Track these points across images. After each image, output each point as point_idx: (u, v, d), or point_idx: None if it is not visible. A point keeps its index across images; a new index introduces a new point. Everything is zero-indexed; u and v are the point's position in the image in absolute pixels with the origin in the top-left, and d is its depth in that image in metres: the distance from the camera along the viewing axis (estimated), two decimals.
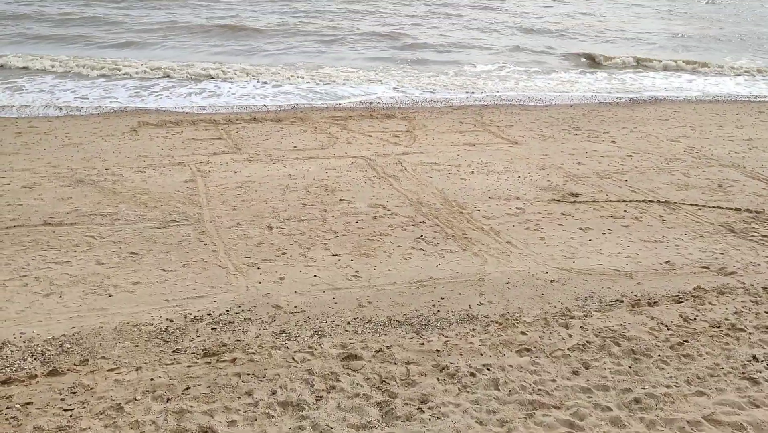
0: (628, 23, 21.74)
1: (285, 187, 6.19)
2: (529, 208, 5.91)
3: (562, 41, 17.56)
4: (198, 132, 8.04)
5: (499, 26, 19.62)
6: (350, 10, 20.22)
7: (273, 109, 9.72)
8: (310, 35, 16.00)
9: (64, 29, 15.39)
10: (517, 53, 15.63)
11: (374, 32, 16.38)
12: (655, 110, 10.43)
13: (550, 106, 10.62)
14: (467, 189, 6.34)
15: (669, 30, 20.75)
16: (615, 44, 17.17)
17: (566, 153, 7.69)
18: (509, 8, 23.90)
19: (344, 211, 5.69)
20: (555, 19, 21.94)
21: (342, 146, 7.65)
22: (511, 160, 7.34)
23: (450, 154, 7.49)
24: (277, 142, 7.76)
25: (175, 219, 5.38)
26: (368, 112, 9.55)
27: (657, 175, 6.98)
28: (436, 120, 9.21)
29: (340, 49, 14.90)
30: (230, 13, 18.45)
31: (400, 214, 5.66)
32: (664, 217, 5.82)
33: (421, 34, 16.77)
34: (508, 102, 10.84)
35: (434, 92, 11.34)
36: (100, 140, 7.53)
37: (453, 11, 21.95)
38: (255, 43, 14.93)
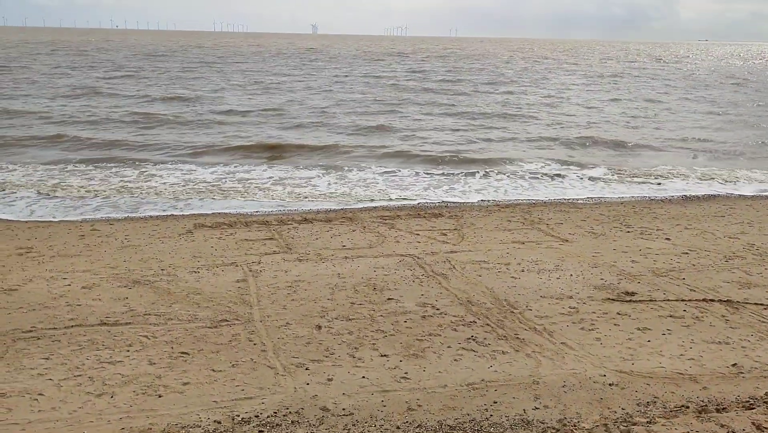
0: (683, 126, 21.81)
1: (334, 286, 6.24)
2: (583, 308, 5.77)
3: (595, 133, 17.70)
4: (251, 233, 8.27)
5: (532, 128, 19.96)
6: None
7: (323, 209, 9.98)
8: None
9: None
10: (553, 149, 15.80)
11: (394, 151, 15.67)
12: (709, 207, 10.25)
13: (600, 204, 10.57)
14: (518, 288, 6.25)
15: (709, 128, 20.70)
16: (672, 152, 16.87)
17: (619, 251, 7.57)
18: (541, 112, 24.44)
19: (393, 310, 5.67)
20: (586, 117, 22.22)
21: (390, 245, 7.73)
22: (563, 258, 7.26)
23: (499, 252, 7.46)
24: (327, 241, 7.90)
25: (226, 318, 5.46)
26: (416, 211, 9.68)
27: (716, 273, 6.76)
28: (483, 218, 9.26)
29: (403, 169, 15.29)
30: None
31: (449, 314, 5.60)
32: (727, 317, 5.58)
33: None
34: (557, 200, 10.86)
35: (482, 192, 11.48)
36: (157, 242, 7.82)
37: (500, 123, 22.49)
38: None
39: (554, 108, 25.00)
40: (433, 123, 20.36)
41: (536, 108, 24.75)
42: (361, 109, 23.24)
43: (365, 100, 25.74)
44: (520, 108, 24.56)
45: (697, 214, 9.63)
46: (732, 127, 21.05)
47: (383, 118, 21.01)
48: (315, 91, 29.45)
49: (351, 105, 24.32)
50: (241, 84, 32.00)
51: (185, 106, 23.08)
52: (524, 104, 26.01)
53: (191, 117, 20.28)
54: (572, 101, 27.68)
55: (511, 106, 25.08)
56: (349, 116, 21.18)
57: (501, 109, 23.80)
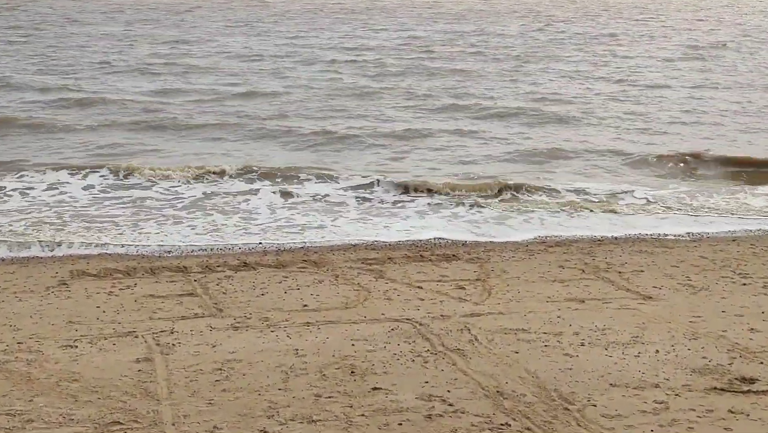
0: None
1: (289, 370, 6.19)
2: (675, 403, 5.77)
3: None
4: (159, 285, 8.22)
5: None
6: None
7: (272, 248, 9.95)
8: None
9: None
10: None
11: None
12: None
13: (701, 241, 10.64)
14: (575, 371, 6.25)
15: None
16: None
17: (730, 314, 7.61)
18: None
19: (381, 406, 5.63)
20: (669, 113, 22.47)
21: (377, 304, 7.71)
22: (644, 324, 7.28)
23: (546, 315, 7.47)
24: (278, 298, 7.85)
25: (119, 421, 5.38)
26: (417, 251, 9.69)
27: None
28: (521, 262, 9.28)
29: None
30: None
31: (469, 412, 5.57)
32: None
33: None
34: (635, 235, 10.92)
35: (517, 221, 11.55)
36: (12, 299, 7.76)
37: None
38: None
39: (625, 102, 25.19)
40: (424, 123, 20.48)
41: (600, 101, 24.91)
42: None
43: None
44: (558, 98, 24.64)
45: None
46: None
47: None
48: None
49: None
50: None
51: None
52: (573, 95, 26.16)
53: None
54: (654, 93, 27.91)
55: (551, 102, 25.13)
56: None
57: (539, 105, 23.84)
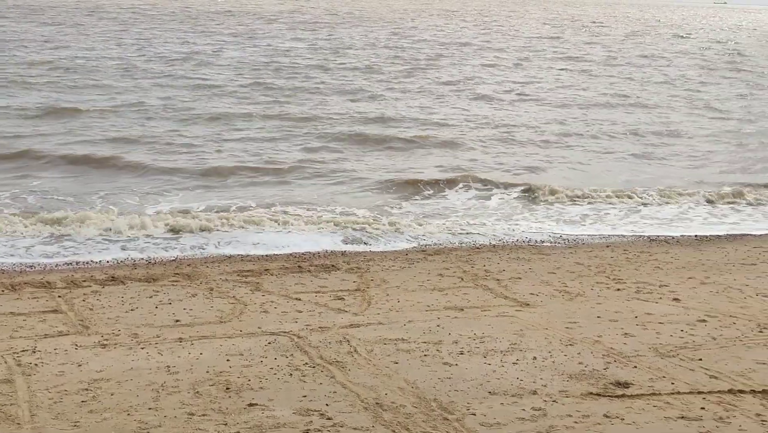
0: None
1: (160, 388, 6.09)
2: (552, 409, 5.86)
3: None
4: (22, 302, 8.03)
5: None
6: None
7: (142, 261, 9.75)
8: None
9: None
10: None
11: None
12: (734, 250, 10.82)
13: (576, 246, 10.92)
14: (454, 380, 6.30)
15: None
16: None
17: (605, 319, 7.80)
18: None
19: (257, 423, 5.58)
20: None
21: (253, 317, 7.67)
22: (522, 331, 7.40)
23: (425, 324, 7.52)
24: (149, 314, 7.75)
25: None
26: (295, 263, 9.66)
27: (747, 350, 7.08)
28: (401, 272, 9.34)
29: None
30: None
31: (348, 426, 5.55)
32: (765, 416, 5.83)
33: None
34: (513, 242, 11.11)
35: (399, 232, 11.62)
36: None
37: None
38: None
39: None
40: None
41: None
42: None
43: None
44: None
45: (717, 261, 10.13)
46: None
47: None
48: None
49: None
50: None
51: None
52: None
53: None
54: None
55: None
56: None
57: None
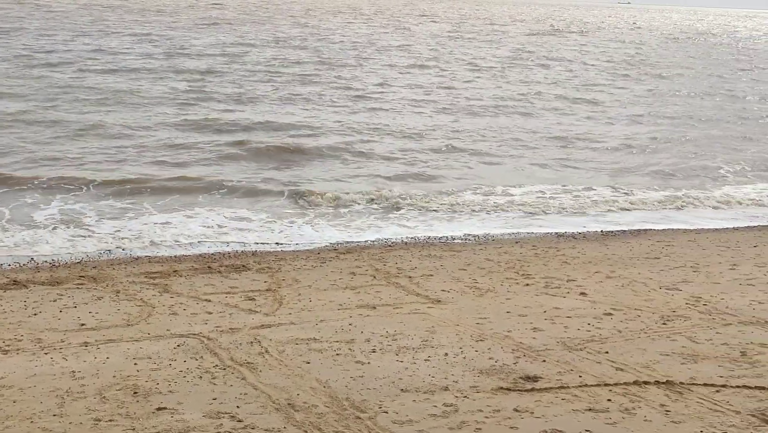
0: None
1: (65, 394, 5.97)
2: (464, 405, 5.93)
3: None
4: None
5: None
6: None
7: (46, 262, 9.55)
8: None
9: None
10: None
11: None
12: (639, 245, 11.10)
13: (487, 243, 11.05)
14: (367, 379, 6.33)
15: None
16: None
17: (515, 314, 7.92)
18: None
19: (166, 427, 5.51)
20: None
21: (162, 320, 7.59)
22: (434, 328, 7.46)
23: (338, 323, 7.54)
24: (53, 318, 7.61)
25: None
26: (204, 263, 9.57)
27: (651, 342, 7.27)
28: (313, 271, 9.33)
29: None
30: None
31: (259, 428, 5.53)
32: (668, 406, 5.99)
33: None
34: (425, 239, 11.19)
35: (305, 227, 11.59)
36: None
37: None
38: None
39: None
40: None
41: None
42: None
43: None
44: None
45: (623, 256, 10.38)
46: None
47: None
48: None
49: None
50: None
51: None
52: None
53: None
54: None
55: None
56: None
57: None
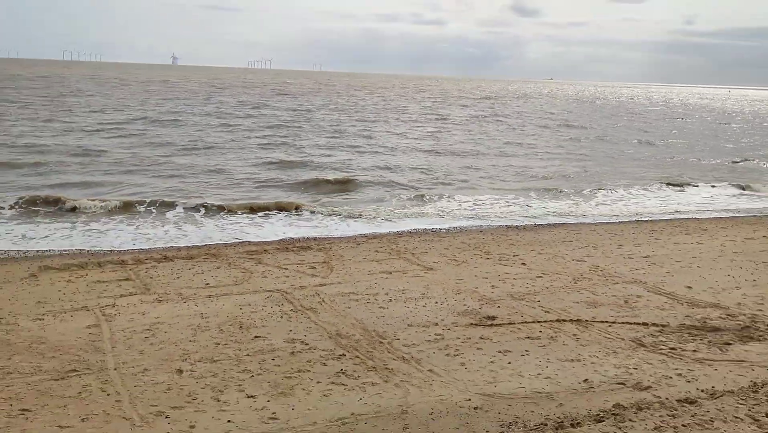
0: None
1: (196, 327, 5.97)
2: (448, 334, 5.94)
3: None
4: (105, 274, 7.73)
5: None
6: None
7: (184, 246, 9.57)
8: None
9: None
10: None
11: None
12: (558, 233, 11.04)
13: (462, 232, 11.03)
14: (386, 318, 6.33)
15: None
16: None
17: (480, 277, 7.91)
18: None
19: (260, 348, 5.51)
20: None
21: (257, 281, 7.55)
22: (428, 286, 7.46)
23: (367, 283, 7.53)
24: (189, 279, 7.56)
25: (75, 368, 5.02)
26: (284, 245, 9.56)
27: (567, 294, 7.26)
28: (352, 250, 9.32)
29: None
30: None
31: (318, 349, 5.53)
32: (578, 335, 5.99)
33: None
34: (421, 229, 11.20)
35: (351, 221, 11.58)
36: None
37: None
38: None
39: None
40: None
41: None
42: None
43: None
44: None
45: (548, 239, 10.33)
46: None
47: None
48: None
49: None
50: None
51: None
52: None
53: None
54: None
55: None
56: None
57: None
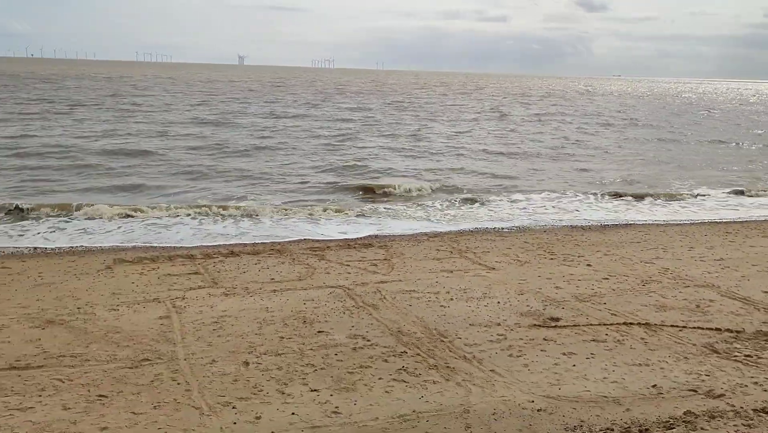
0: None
1: (262, 321, 6.10)
2: (510, 335, 5.86)
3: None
4: (175, 267, 8.00)
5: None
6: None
7: (250, 243, 9.79)
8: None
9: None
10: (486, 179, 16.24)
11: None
12: (626, 234, 10.72)
13: (524, 232, 10.86)
14: (447, 316, 6.30)
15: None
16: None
17: (543, 277, 7.77)
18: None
19: (323, 343, 5.59)
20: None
21: (320, 277, 7.65)
22: (490, 285, 7.38)
23: (428, 281, 7.51)
24: (255, 274, 7.73)
25: (148, 357, 5.22)
26: (346, 243, 9.65)
27: (635, 297, 7.04)
28: (413, 248, 9.32)
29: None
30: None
31: (380, 345, 5.56)
32: (646, 339, 5.81)
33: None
34: (483, 228, 11.09)
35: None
36: (73, 279, 7.44)
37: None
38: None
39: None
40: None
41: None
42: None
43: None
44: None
45: (615, 241, 10.04)
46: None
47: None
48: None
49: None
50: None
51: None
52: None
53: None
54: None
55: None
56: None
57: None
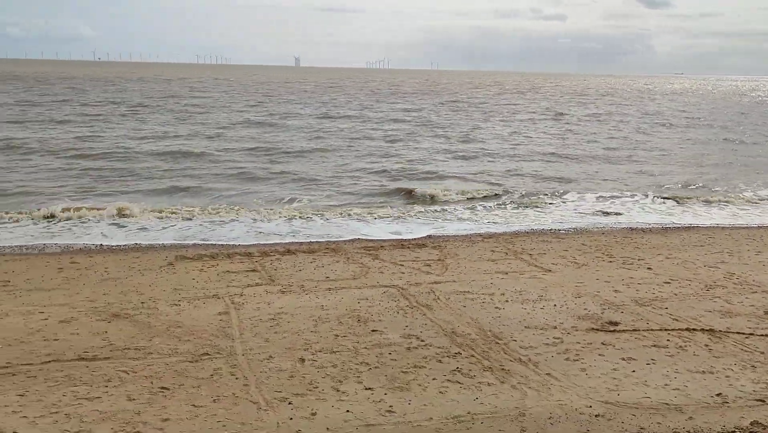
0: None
1: (317, 318, 6.18)
2: (567, 338, 5.75)
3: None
4: (233, 265, 8.18)
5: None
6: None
7: (306, 241, 9.93)
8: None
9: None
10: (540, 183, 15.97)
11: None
12: (689, 237, 10.36)
13: (582, 234, 10.64)
14: (502, 318, 6.23)
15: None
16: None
17: (602, 280, 7.59)
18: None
19: (377, 342, 5.61)
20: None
21: (374, 276, 7.69)
22: (546, 288, 7.26)
23: (483, 282, 7.45)
24: (310, 273, 7.83)
25: (208, 352, 5.36)
26: (399, 243, 9.67)
27: (698, 302, 6.80)
28: (467, 249, 9.27)
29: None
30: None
31: (434, 345, 5.55)
32: (710, 346, 5.60)
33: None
34: (540, 230, 10.92)
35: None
36: (137, 274, 7.71)
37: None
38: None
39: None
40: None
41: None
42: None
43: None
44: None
45: (677, 244, 9.72)
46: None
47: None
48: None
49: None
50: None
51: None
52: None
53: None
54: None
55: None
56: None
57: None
